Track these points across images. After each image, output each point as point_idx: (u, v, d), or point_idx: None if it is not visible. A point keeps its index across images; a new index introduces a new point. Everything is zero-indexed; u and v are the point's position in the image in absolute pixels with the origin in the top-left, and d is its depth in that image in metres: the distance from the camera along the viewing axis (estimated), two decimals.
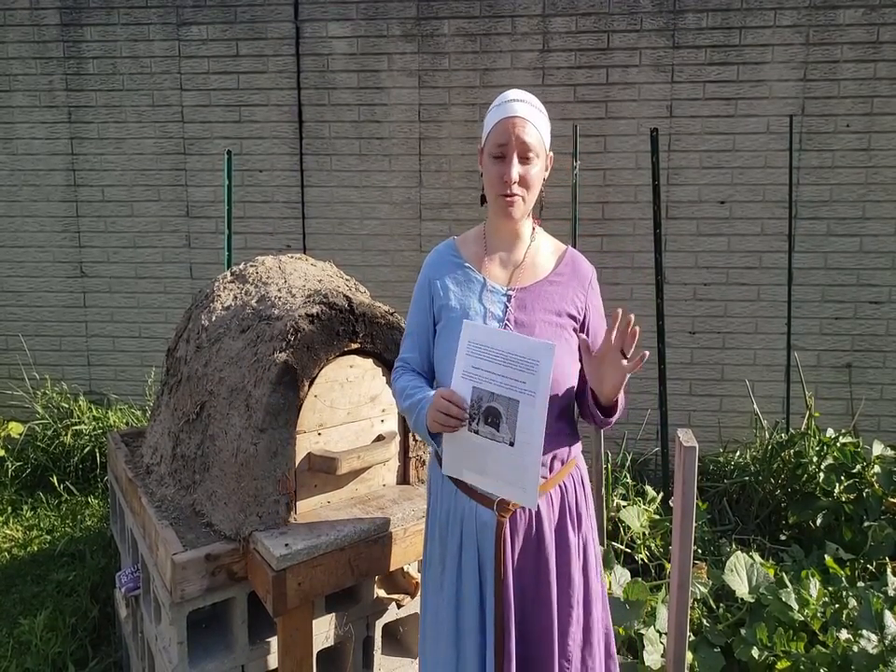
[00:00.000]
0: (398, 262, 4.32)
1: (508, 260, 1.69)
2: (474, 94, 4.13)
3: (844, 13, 3.86)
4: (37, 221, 4.43)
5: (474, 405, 1.47)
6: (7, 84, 4.32)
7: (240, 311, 2.22)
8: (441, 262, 1.74)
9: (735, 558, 2.68)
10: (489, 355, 1.45)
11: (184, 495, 2.15)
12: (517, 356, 1.43)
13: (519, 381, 1.43)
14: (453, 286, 1.68)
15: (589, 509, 1.72)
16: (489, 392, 1.45)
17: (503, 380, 1.44)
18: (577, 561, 1.64)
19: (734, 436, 4.10)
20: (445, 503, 1.68)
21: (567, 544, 1.63)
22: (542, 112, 1.62)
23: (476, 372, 1.47)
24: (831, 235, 4.02)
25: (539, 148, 1.58)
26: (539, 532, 1.60)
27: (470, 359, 1.47)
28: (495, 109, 1.62)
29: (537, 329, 1.59)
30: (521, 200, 1.59)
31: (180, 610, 1.84)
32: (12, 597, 3.04)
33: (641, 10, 3.97)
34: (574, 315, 1.64)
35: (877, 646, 2.21)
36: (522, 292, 1.64)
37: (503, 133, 1.56)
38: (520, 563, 1.60)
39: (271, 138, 4.28)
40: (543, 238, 1.74)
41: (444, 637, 1.65)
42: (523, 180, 1.58)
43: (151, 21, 4.22)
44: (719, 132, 4.02)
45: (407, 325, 1.79)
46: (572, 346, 1.61)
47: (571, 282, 1.66)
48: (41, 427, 4.16)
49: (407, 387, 1.69)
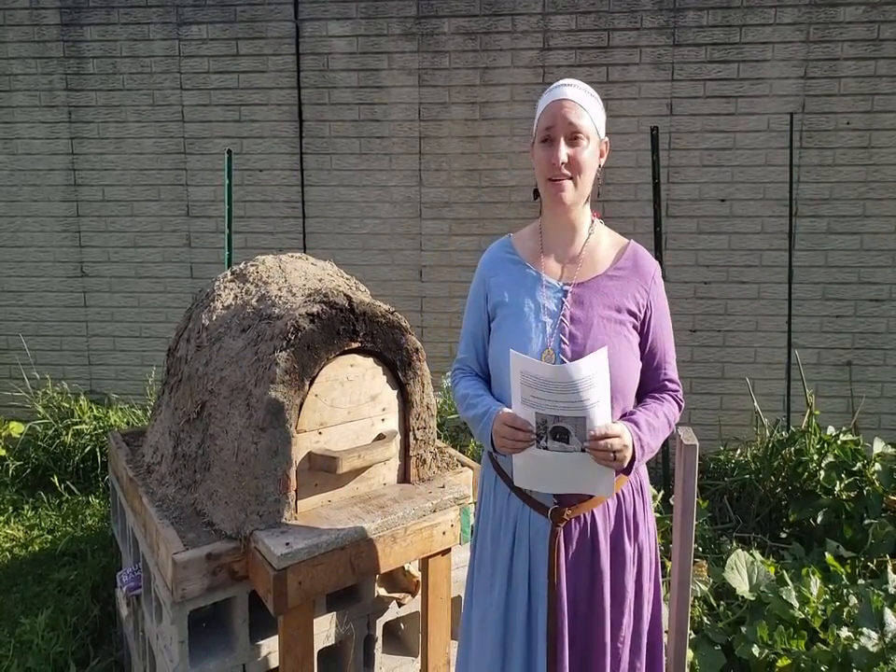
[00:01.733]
0: (398, 261, 4.32)
1: (564, 255, 1.64)
2: (474, 93, 4.13)
3: (844, 10, 3.85)
4: (38, 221, 4.43)
5: (540, 426, 1.45)
6: (8, 84, 4.32)
7: (240, 310, 2.22)
8: (494, 261, 1.71)
9: (736, 556, 2.68)
10: (545, 385, 1.41)
11: (185, 494, 2.15)
12: (570, 381, 1.39)
13: (580, 399, 1.40)
14: (507, 282, 1.65)
15: (647, 516, 1.67)
16: (553, 416, 1.43)
17: (565, 404, 1.41)
18: (631, 569, 1.62)
19: (734, 434, 4.10)
20: (499, 505, 1.66)
21: (623, 553, 1.61)
22: (593, 96, 1.58)
23: (535, 400, 1.43)
24: (831, 233, 4.02)
25: (588, 131, 1.54)
26: (593, 541, 1.58)
27: (527, 389, 1.44)
28: (544, 96, 1.60)
29: (594, 325, 1.55)
30: (571, 183, 1.54)
31: (181, 609, 1.84)
32: (13, 597, 3.04)
33: (641, 8, 3.96)
34: (634, 311, 1.58)
35: (878, 644, 2.21)
36: (579, 287, 1.59)
37: (550, 116, 1.54)
38: (573, 572, 1.58)
39: (271, 137, 4.28)
40: (603, 231, 1.68)
41: (490, 641, 1.63)
42: (571, 162, 1.53)
43: (151, 20, 4.22)
44: (719, 129, 4.02)
45: (463, 325, 1.78)
46: (632, 343, 1.58)
47: (633, 277, 1.60)
48: (42, 426, 4.16)
49: (468, 395, 1.66)
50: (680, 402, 1.67)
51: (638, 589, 1.65)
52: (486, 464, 1.73)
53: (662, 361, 1.64)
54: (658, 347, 1.63)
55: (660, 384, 1.65)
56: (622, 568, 1.60)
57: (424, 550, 2.04)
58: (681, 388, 1.69)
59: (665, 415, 1.60)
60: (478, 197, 4.21)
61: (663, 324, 1.64)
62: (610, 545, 1.60)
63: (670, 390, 1.66)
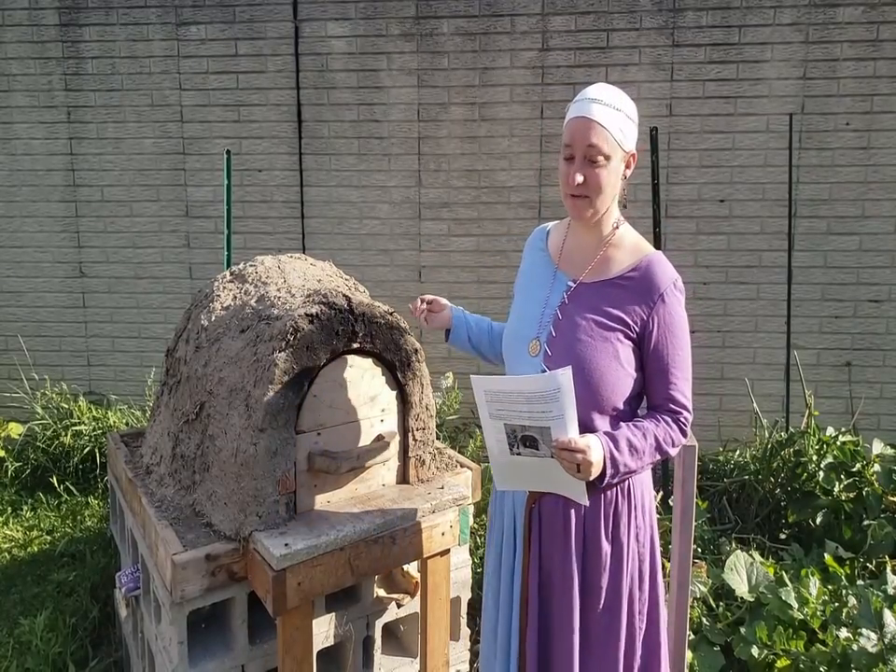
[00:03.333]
0: (397, 262, 4.32)
1: (582, 255, 1.68)
2: (473, 93, 4.13)
3: (843, 11, 3.86)
4: (36, 221, 4.43)
5: (510, 436, 1.52)
6: (6, 84, 4.31)
7: (239, 311, 2.22)
8: (531, 246, 1.84)
9: (735, 557, 2.68)
10: (507, 397, 1.47)
11: (184, 495, 2.15)
12: (536, 392, 1.44)
13: (545, 410, 1.44)
14: (528, 269, 1.79)
15: (632, 519, 1.65)
16: (521, 425, 1.49)
17: (530, 414, 1.46)
18: (605, 565, 1.63)
19: (733, 435, 4.10)
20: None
21: (598, 546, 1.63)
22: (619, 110, 1.54)
23: (501, 413, 1.50)
24: (830, 234, 4.02)
25: (609, 150, 1.53)
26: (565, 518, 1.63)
27: (492, 404, 1.51)
28: (571, 106, 1.60)
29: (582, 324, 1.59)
30: (587, 201, 1.57)
31: (180, 610, 1.84)
32: (12, 598, 3.04)
33: (641, 9, 3.96)
34: (627, 322, 1.57)
35: (877, 644, 2.21)
36: (582, 287, 1.64)
37: (570, 133, 1.56)
38: (548, 548, 1.66)
39: (270, 138, 4.27)
40: (626, 237, 1.67)
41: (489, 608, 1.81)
42: (588, 182, 1.55)
43: (150, 20, 4.21)
44: (718, 130, 4.02)
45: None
46: (619, 351, 1.57)
47: (637, 289, 1.59)
48: (41, 427, 4.16)
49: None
50: (683, 424, 1.62)
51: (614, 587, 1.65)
52: None
53: (667, 380, 1.60)
54: (661, 365, 1.60)
55: (661, 401, 1.62)
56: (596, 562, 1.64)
57: (423, 550, 2.04)
58: (690, 413, 1.63)
59: (655, 438, 1.57)
60: (477, 198, 4.21)
61: (669, 341, 1.59)
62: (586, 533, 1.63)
63: (671, 411, 1.61)
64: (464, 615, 2.41)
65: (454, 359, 4.25)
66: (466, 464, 2.42)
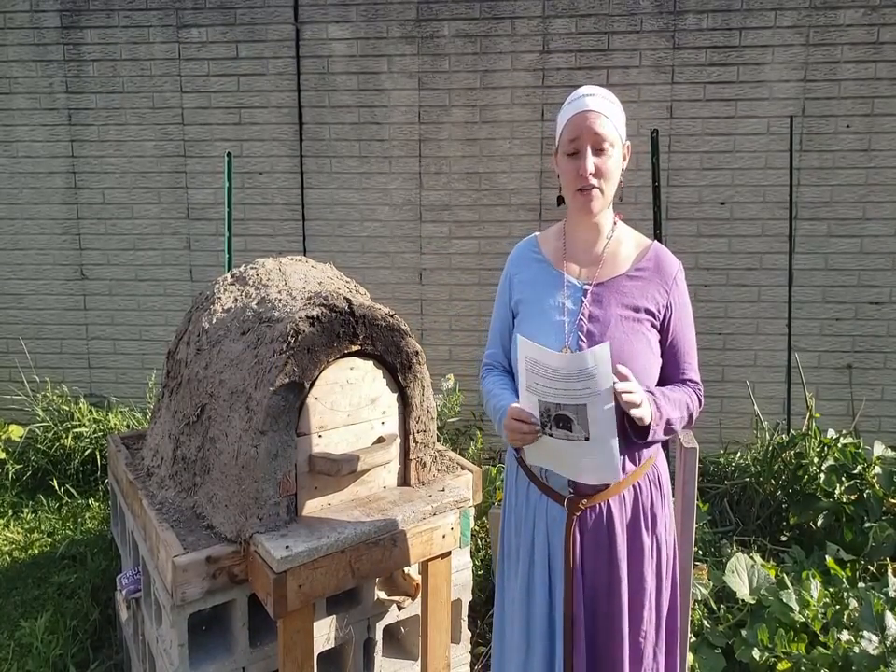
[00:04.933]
0: (398, 264, 4.32)
1: (587, 256, 1.68)
2: (474, 96, 4.13)
3: (844, 13, 3.86)
4: (38, 224, 4.43)
5: (543, 415, 1.50)
6: (8, 87, 4.32)
7: (240, 313, 2.22)
8: (521, 258, 1.77)
9: (736, 559, 2.68)
10: (547, 371, 1.46)
11: (185, 497, 2.15)
12: (572, 370, 1.43)
13: (581, 388, 1.44)
14: (530, 280, 1.72)
15: (665, 510, 1.70)
16: (555, 403, 1.47)
17: (565, 392, 1.45)
18: (650, 561, 1.64)
19: (734, 437, 4.09)
20: (520, 496, 1.72)
21: (641, 544, 1.63)
22: (614, 102, 1.61)
23: (539, 388, 1.48)
24: (831, 236, 4.02)
25: (613, 139, 1.58)
26: (610, 531, 1.61)
27: (531, 375, 1.49)
28: (565, 107, 1.62)
29: (612, 323, 1.59)
30: (599, 192, 1.59)
31: (181, 613, 1.84)
32: (13, 600, 3.04)
33: (641, 11, 3.97)
34: (653, 311, 1.62)
35: (878, 647, 2.20)
36: (599, 287, 1.64)
37: (574, 128, 1.57)
38: (591, 562, 1.62)
39: (271, 140, 4.28)
40: (625, 232, 1.72)
41: (518, 623, 1.71)
42: (598, 171, 1.57)
43: (151, 23, 4.22)
44: (719, 133, 4.02)
45: (491, 321, 1.83)
46: (650, 341, 1.61)
47: (654, 278, 1.64)
48: (42, 429, 4.16)
49: (492, 390, 1.74)
50: (700, 396, 1.69)
51: (658, 581, 1.67)
52: (510, 456, 1.80)
53: (682, 360, 1.68)
54: (678, 347, 1.66)
55: (678, 378, 1.68)
56: (639, 559, 1.63)
57: (424, 553, 2.04)
58: (702, 387, 1.72)
59: (681, 395, 1.63)
60: (478, 200, 4.21)
61: (683, 323, 1.67)
62: (628, 536, 1.62)
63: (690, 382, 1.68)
64: (465, 617, 2.40)
65: (454, 362, 4.26)
66: (467, 466, 2.42)
